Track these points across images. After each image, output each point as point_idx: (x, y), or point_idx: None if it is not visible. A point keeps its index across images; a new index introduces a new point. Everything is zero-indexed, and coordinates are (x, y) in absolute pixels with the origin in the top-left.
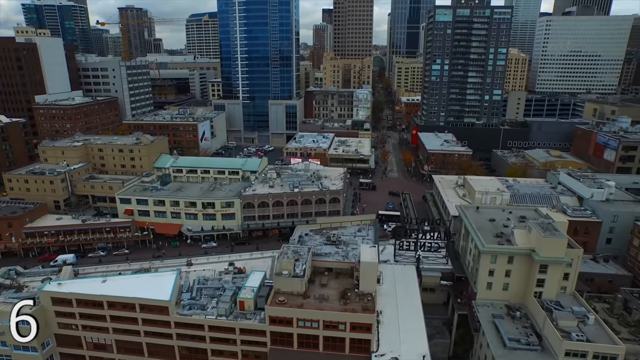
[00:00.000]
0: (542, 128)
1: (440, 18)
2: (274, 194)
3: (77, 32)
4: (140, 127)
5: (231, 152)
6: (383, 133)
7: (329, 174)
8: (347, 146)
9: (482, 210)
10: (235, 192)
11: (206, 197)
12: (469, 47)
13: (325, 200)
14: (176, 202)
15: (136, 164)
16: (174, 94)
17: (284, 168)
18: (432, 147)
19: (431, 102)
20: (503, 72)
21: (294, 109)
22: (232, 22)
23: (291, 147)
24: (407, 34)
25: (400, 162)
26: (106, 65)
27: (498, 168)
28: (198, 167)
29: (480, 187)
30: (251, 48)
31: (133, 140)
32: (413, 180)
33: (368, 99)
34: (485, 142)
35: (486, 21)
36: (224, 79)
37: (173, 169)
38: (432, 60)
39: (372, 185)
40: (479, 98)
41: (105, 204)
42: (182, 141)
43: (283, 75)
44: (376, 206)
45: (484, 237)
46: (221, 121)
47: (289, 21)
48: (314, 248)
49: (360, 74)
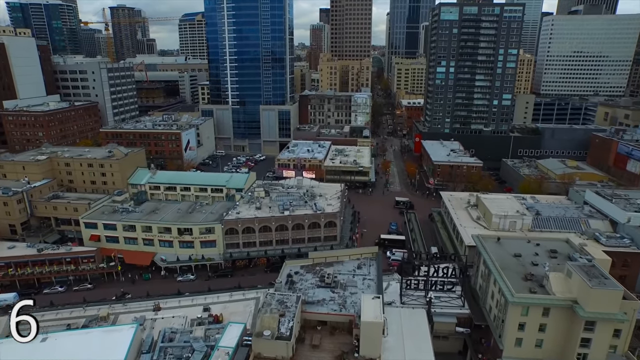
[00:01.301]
0: (555, 135)
1: (446, 16)
2: (260, 218)
3: (65, 32)
4: (119, 136)
5: (219, 162)
6: (383, 139)
7: (324, 192)
8: (344, 156)
9: (504, 242)
10: (217, 214)
11: (183, 221)
12: (476, 48)
13: (319, 224)
14: (149, 228)
15: (108, 181)
16: (162, 98)
17: (273, 185)
18: (438, 158)
19: (435, 107)
20: (513, 74)
21: (287, 114)
22: (221, 20)
23: (283, 158)
24: (407, 33)
25: (402, 172)
26: (85, 68)
27: (509, 179)
28: (177, 184)
29: (498, 209)
30: (241, 49)
31: (105, 153)
32: (417, 194)
33: (367, 104)
34: (493, 150)
35: (495, 20)
36: (212, 82)
37: (150, 186)
38: (437, 62)
39: (409, 204)
40: (487, 103)
41: (71, 227)
42: (165, 151)
43: (276, 78)
44: (378, 226)
45: (511, 281)
46: (209, 128)
47: (281, 20)
48: (305, 293)
49: (359, 76)
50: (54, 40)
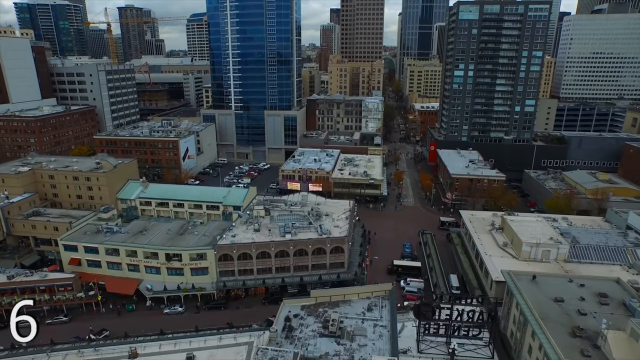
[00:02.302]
0: (582, 144)
1: (465, 16)
2: (258, 243)
3: (72, 32)
4: (114, 143)
5: (219, 172)
6: (395, 146)
7: (331, 210)
8: (354, 166)
9: (541, 280)
10: (211, 237)
11: (172, 244)
12: (497, 50)
13: (325, 250)
14: (134, 252)
15: (94, 195)
16: (165, 101)
17: (275, 202)
18: (457, 170)
19: (452, 113)
20: (538, 79)
21: (293, 120)
22: (223, 20)
23: (288, 169)
24: (419, 34)
25: (416, 184)
26: (82, 70)
27: (532, 192)
28: (170, 200)
29: (528, 235)
30: (245, 50)
31: (93, 164)
32: (433, 209)
33: (379, 109)
34: (515, 160)
35: (519, 19)
36: (214, 85)
37: (140, 201)
38: (454, 65)
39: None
40: (509, 109)
41: (51, 247)
42: (162, 160)
43: (281, 81)
44: (390, 246)
45: (556, 337)
46: (210, 135)
47: (288, 20)
48: (305, 344)
49: (370, 79)
50: (60, 41)
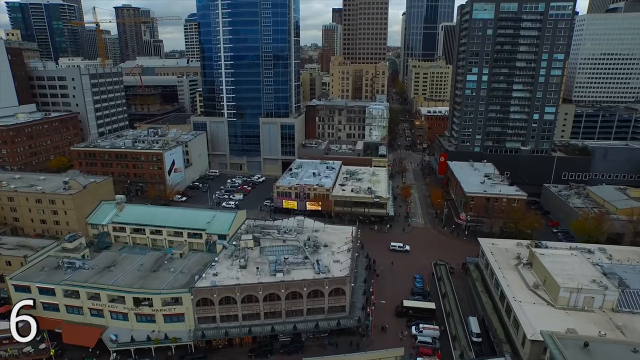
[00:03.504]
0: (608, 156)
1: (479, 15)
2: (244, 285)
3: (66, 32)
4: (92, 156)
5: (207, 187)
6: (401, 155)
7: (331, 238)
8: (357, 180)
9: (595, 348)
10: (189, 275)
11: (143, 285)
12: (514, 52)
13: (323, 292)
14: (97, 295)
15: (60, 220)
16: (158, 105)
17: (267, 229)
18: (472, 187)
19: (464, 122)
20: (559, 84)
21: (291, 128)
22: (215, 20)
23: (284, 185)
24: (424, 34)
25: (424, 199)
26: (63, 74)
27: (554, 210)
28: (147, 226)
29: (564, 276)
30: (238, 52)
31: (60, 183)
32: (445, 231)
33: (384, 116)
34: (532, 173)
35: (539, 18)
36: (206, 90)
37: (114, 226)
38: (467, 69)
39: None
40: (526, 117)
41: (4, 285)
42: (145, 174)
43: (278, 86)
44: (398, 278)
45: None
46: (200, 144)
47: (285, 19)
48: None
49: (374, 82)
50: (54, 41)
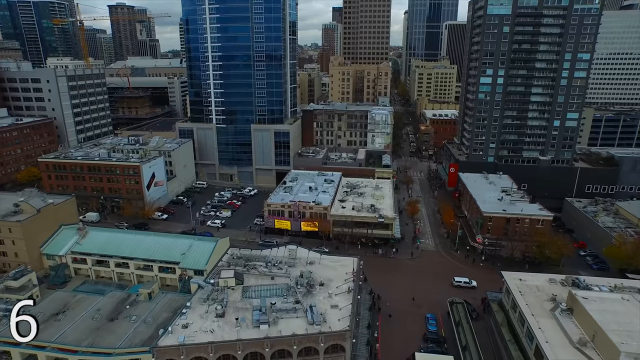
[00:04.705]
0: (638, 167)
1: (495, 10)
2: (218, 344)
3: (56, 31)
4: (62, 168)
5: (194, 200)
6: (405, 162)
7: (329, 274)
8: (359, 195)
9: None
10: (154, 324)
11: (96, 338)
12: (534, 52)
13: (318, 350)
14: (33, 356)
15: (8, 251)
16: (147, 108)
17: (252, 260)
18: (489, 205)
19: (477, 128)
20: (583, 87)
21: (286, 136)
22: (201, 16)
23: (275, 203)
24: (427, 34)
25: (433, 215)
26: (37, 76)
27: (578, 228)
28: (111, 257)
29: (622, 333)
30: (227, 52)
31: (11, 206)
32: (458, 255)
33: (388, 122)
34: (552, 186)
35: (562, 14)
36: (192, 94)
37: (73, 257)
38: (481, 71)
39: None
40: (546, 124)
41: None
42: (121, 189)
43: (272, 89)
44: (407, 317)
45: None
46: (186, 154)
47: (279, 15)
48: None
49: (376, 83)
50: (44, 40)
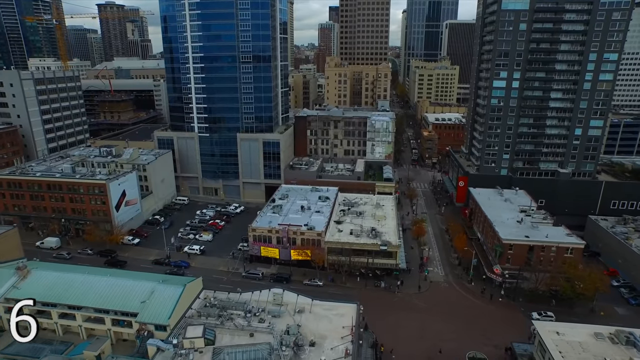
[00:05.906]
0: None
1: (510, 5)
2: None
3: (40, 31)
4: (18, 186)
5: (172, 220)
6: (407, 172)
7: (321, 328)
8: (357, 216)
9: None
10: None
11: None
12: (554, 52)
13: None
14: None
15: None
16: (131, 112)
17: (229, 308)
18: (509, 231)
19: (489, 137)
20: (610, 91)
21: (276, 146)
22: (181, 12)
23: (262, 228)
24: (426, 33)
25: (441, 235)
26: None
27: (606, 251)
28: (55, 306)
29: None
30: (210, 52)
31: None
32: (473, 288)
33: (389, 129)
34: (573, 201)
35: (587, 8)
36: (172, 100)
37: (7, 307)
38: (494, 74)
39: None
40: (566, 132)
41: None
42: (86, 210)
43: (260, 94)
44: None
45: None
46: (165, 166)
47: (267, 12)
48: None
49: (375, 85)
50: (27, 40)
